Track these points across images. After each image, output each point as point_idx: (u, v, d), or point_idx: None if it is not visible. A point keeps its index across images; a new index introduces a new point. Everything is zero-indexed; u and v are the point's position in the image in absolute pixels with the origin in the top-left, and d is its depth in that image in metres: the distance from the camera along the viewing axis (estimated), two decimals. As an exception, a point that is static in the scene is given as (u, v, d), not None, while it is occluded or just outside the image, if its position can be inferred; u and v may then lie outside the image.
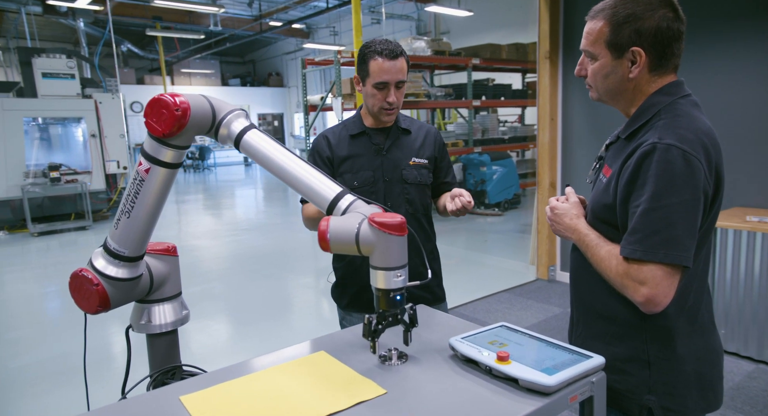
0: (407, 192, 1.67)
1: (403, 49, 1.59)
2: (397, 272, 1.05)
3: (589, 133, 4.08)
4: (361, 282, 1.68)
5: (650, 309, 1.03)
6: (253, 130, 1.14)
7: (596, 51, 1.11)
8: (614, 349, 1.14)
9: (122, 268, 1.21)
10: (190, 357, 3.19)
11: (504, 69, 9.14)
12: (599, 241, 1.11)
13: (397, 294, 1.06)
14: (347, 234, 1.03)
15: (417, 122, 1.77)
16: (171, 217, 8.85)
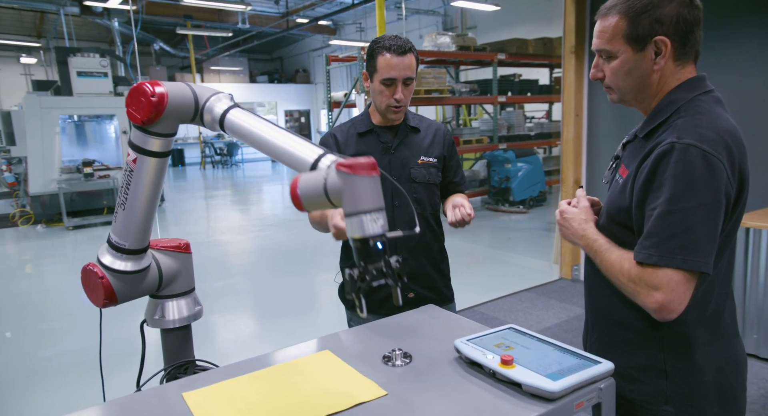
0: (415, 191, 1.65)
1: (413, 46, 1.56)
2: (373, 216, 0.94)
3: (616, 130, 3.97)
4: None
5: (663, 316, 0.99)
6: (236, 109, 1.11)
7: (614, 48, 1.06)
8: (630, 357, 1.11)
9: (125, 261, 1.23)
10: (212, 351, 3.28)
11: (531, 64, 8.97)
12: (609, 246, 1.07)
13: (377, 242, 0.95)
14: (316, 186, 0.97)
15: (426, 120, 1.75)
16: (199, 213, 9.04)
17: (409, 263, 1.65)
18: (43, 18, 14.41)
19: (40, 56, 16.53)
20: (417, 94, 6.62)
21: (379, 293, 1.65)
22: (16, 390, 2.93)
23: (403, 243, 1.64)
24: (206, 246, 6.41)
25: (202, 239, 6.83)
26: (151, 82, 1.07)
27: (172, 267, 1.34)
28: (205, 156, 17.30)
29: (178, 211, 9.05)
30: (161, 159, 1.15)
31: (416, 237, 1.64)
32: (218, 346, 3.45)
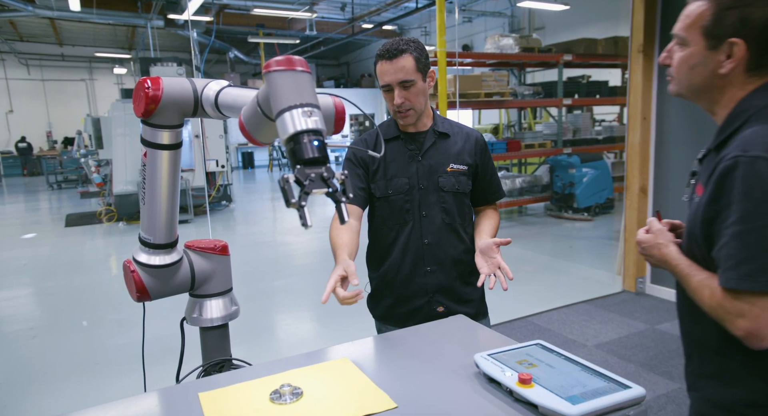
0: (444, 200, 1.57)
1: (412, 47, 1.46)
2: (306, 109, 0.83)
3: (688, 134, 3.69)
4: (393, 294, 1.64)
5: (754, 344, 0.90)
6: (228, 88, 1.11)
7: (689, 36, 0.98)
8: (734, 391, 1.00)
9: (153, 255, 1.29)
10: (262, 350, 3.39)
11: (600, 65, 8.55)
12: (690, 270, 0.99)
13: (314, 140, 0.82)
14: (251, 106, 0.91)
15: (458, 125, 1.67)
16: (265, 214, 9.40)
17: (437, 276, 1.60)
18: (134, 31, 15.64)
19: (130, 66, 17.96)
20: (477, 97, 6.51)
21: (406, 305, 1.63)
22: (84, 376, 3.18)
23: (432, 257, 1.59)
24: (269, 246, 6.65)
25: (267, 239, 7.10)
26: (152, 78, 1.12)
27: (205, 268, 1.39)
28: (273, 158, 17.99)
29: (245, 211, 9.46)
30: (173, 151, 1.19)
31: (444, 249, 1.59)
32: (270, 344, 3.56)
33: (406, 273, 1.61)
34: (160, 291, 1.35)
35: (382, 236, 1.64)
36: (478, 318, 1.66)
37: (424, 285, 1.60)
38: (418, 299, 1.62)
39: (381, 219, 1.64)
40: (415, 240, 1.59)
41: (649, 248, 1.10)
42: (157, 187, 1.23)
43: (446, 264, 1.60)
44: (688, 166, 3.97)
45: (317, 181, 0.81)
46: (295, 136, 0.82)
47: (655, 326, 3.51)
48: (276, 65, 0.87)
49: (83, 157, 9.86)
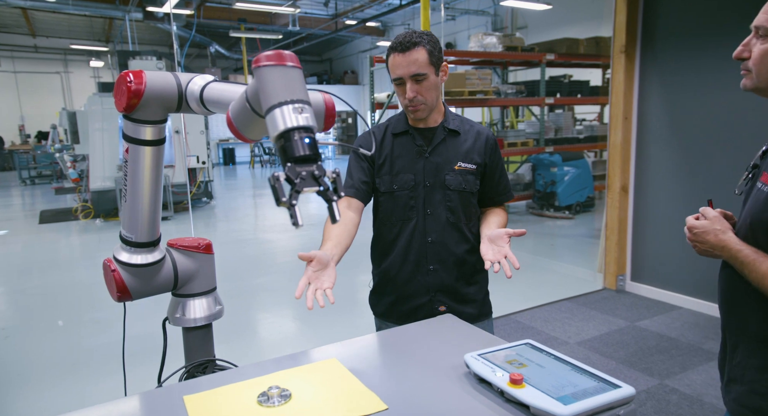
0: (449, 199, 1.54)
1: (425, 39, 1.43)
2: (297, 106, 0.81)
3: (669, 134, 3.75)
4: (395, 292, 1.63)
5: None
6: (213, 83, 1.09)
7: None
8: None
9: (134, 254, 1.25)
10: (245, 349, 3.35)
11: (582, 65, 8.66)
12: (757, 256, 1.00)
13: (305, 137, 0.80)
14: (239, 102, 0.90)
15: (469, 123, 1.62)
16: (246, 211, 9.30)
17: (440, 275, 1.58)
18: (112, 24, 15.29)
19: (107, 60, 17.56)
20: (460, 95, 6.52)
21: (407, 303, 1.61)
22: (61, 377, 3.10)
23: (435, 255, 1.57)
24: (250, 243, 6.58)
25: (248, 236, 7.01)
26: (134, 71, 1.09)
27: (189, 267, 1.36)
28: (254, 155, 17.80)
29: (227, 208, 9.34)
30: (155, 147, 1.16)
31: (448, 249, 1.56)
32: (253, 343, 3.52)
33: (408, 271, 1.59)
34: (141, 291, 1.31)
35: (385, 232, 1.62)
36: (480, 319, 1.64)
37: (426, 284, 1.58)
38: (420, 297, 1.60)
39: (385, 215, 1.61)
40: (418, 237, 1.56)
41: (703, 234, 1.10)
42: (139, 184, 1.19)
43: (449, 263, 1.58)
44: (668, 165, 4.02)
45: (308, 179, 0.79)
46: (286, 133, 0.80)
47: (635, 323, 3.56)
48: (266, 60, 0.85)
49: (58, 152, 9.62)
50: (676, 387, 2.73)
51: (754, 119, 3.26)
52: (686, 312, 3.70)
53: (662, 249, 3.91)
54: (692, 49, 3.53)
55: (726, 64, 3.37)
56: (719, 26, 3.38)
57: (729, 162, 3.42)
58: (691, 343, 3.22)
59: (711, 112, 3.48)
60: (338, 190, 0.83)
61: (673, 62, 3.66)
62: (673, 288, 3.88)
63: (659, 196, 3.86)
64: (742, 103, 3.31)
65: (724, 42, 3.35)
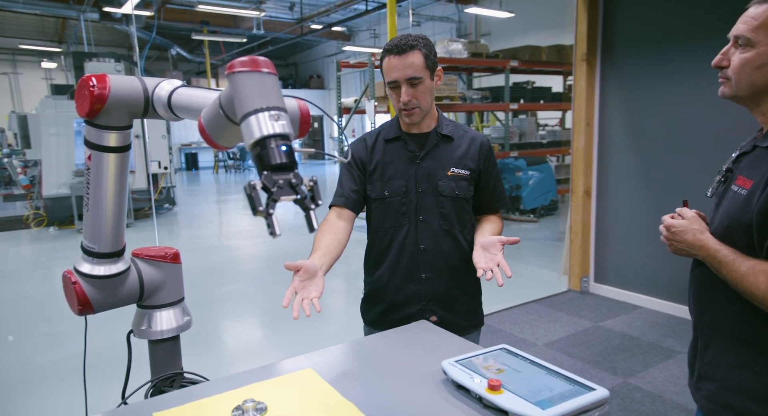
0: (442, 205, 1.51)
1: (421, 43, 1.42)
2: (273, 113, 0.79)
3: (628, 139, 3.88)
4: (386, 300, 1.60)
5: None
6: (182, 88, 1.07)
7: (757, 38, 1.01)
8: (767, 380, 1.03)
9: (97, 265, 1.20)
10: (213, 360, 3.26)
11: (544, 71, 8.89)
12: (735, 256, 1.02)
13: (282, 145, 0.78)
14: (212, 108, 0.88)
15: (463, 128, 1.59)
16: (210, 217, 9.09)
17: (432, 284, 1.55)
18: (65, 24, 14.71)
19: (61, 61, 16.87)
20: (427, 100, 6.57)
21: (399, 312, 1.58)
22: (12, 394, 2.93)
23: (427, 263, 1.54)
24: (215, 251, 6.43)
25: (212, 244, 6.85)
26: (97, 75, 1.05)
27: (155, 277, 1.31)
28: (218, 160, 17.45)
29: (190, 215, 9.10)
30: (120, 154, 1.12)
31: (441, 256, 1.54)
32: (220, 354, 3.42)
33: (399, 279, 1.56)
34: (104, 304, 1.25)
35: (378, 239, 1.59)
36: (470, 331, 1.62)
37: (418, 293, 1.55)
38: (411, 307, 1.56)
39: (377, 222, 1.58)
40: (410, 245, 1.53)
41: (681, 233, 1.12)
42: (103, 193, 1.14)
43: (442, 271, 1.55)
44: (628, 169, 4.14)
45: (285, 187, 0.77)
46: (262, 141, 0.78)
47: (598, 323, 3.66)
48: (240, 66, 0.83)
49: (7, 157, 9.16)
50: (639, 384, 2.81)
51: (708, 124, 3.41)
52: (646, 312, 3.83)
53: (623, 251, 4.04)
54: (648, 57, 3.68)
55: (681, 72, 3.52)
56: (674, 36, 3.53)
57: (685, 165, 3.56)
58: (652, 341, 3.33)
59: (667, 117, 3.62)
60: (315, 198, 0.81)
61: (632, 70, 3.80)
62: (633, 288, 4.01)
63: (620, 199, 3.99)
64: (696, 110, 3.46)
65: (679, 51, 3.50)
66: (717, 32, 3.24)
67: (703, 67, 3.36)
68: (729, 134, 3.26)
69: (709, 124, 3.40)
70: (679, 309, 3.71)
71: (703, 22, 3.36)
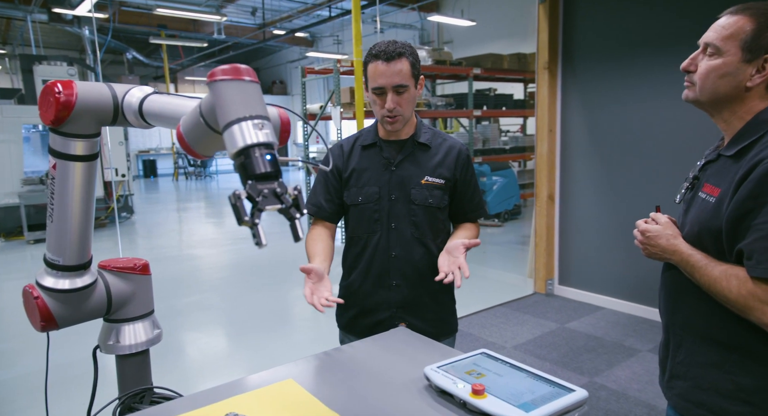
0: (414, 213, 1.51)
1: (408, 51, 1.42)
2: (256, 122, 0.78)
3: (589, 145, 4.02)
4: (357, 306, 1.60)
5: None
6: (154, 95, 1.05)
7: (725, 47, 1.04)
8: (737, 379, 1.07)
9: (61, 279, 1.14)
10: (179, 373, 3.15)
11: (506, 79, 9.11)
12: (708, 261, 1.05)
13: (266, 153, 0.78)
14: (192, 117, 0.87)
15: (441, 136, 1.59)
16: (170, 226, 8.83)
17: (402, 291, 1.55)
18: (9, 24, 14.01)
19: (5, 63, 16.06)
20: (393, 107, 6.61)
21: (369, 317, 1.59)
22: (-36, 416, 2.75)
23: (398, 271, 1.55)
24: (176, 260, 6.24)
25: (173, 253, 6.65)
26: (63, 81, 1.02)
27: (123, 290, 1.26)
28: (178, 167, 17.00)
29: (149, 224, 8.82)
30: (88, 163, 1.08)
31: (412, 264, 1.54)
32: (186, 367, 3.32)
33: (370, 285, 1.57)
34: (69, 319, 1.19)
35: (352, 245, 1.60)
36: (440, 339, 1.60)
37: (388, 300, 1.56)
38: (381, 313, 1.58)
39: (352, 228, 1.59)
40: (381, 252, 1.54)
41: (655, 237, 1.15)
42: (68, 203, 1.09)
43: (413, 279, 1.55)
44: (590, 174, 4.26)
45: (270, 196, 0.76)
46: (246, 150, 0.77)
47: (564, 325, 3.75)
48: (222, 74, 0.82)
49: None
50: (604, 383, 2.90)
51: (665, 130, 3.57)
52: (608, 312, 3.95)
53: (586, 253, 4.17)
54: (607, 66, 3.83)
55: (638, 79, 3.68)
56: (630, 45, 3.68)
57: (643, 170, 3.72)
58: (615, 341, 3.44)
59: (625, 124, 3.77)
60: (300, 207, 0.80)
61: (591, 78, 3.94)
62: (595, 290, 4.14)
63: (582, 204, 4.12)
64: (653, 116, 3.62)
65: (635, 59, 3.66)
66: (673, 41, 3.42)
67: (660, 76, 3.52)
68: (686, 140, 3.43)
69: (665, 130, 3.56)
70: (639, 309, 3.86)
71: (659, 31, 3.52)
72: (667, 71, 3.46)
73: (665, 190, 3.56)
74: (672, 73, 3.39)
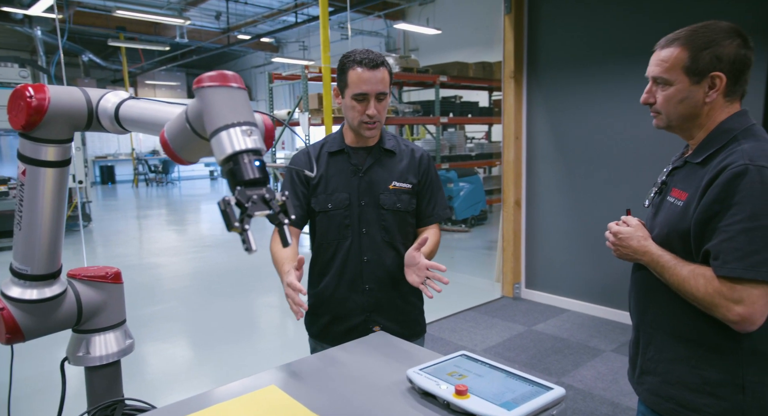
0: (383, 218, 1.55)
1: (386, 60, 1.48)
2: (245, 128, 0.79)
3: (554, 152, 4.14)
4: (330, 312, 1.60)
5: (744, 328, 1.03)
6: (130, 100, 1.04)
7: (672, 77, 1.13)
8: (703, 373, 1.13)
9: (29, 289, 1.10)
10: (144, 386, 3.05)
11: (471, 87, 9.29)
12: (677, 261, 1.11)
13: (255, 160, 0.78)
14: (178, 123, 0.87)
15: (405, 142, 1.65)
16: (130, 234, 8.55)
17: (375, 295, 1.58)
18: (-45, 23, 13.32)
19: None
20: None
21: (343, 323, 1.60)
22: None
23: (370, 275, 1.57)
24: (137, 269, 6.04)
25: (133, 262, 6.44)
26: (35, 85, 0.99)
27: (94, 299, 1.22)
28: (138, 173, 16.49)
29: (107, 233, 8.51)
30: (59, 169, 1.05)
31: (384, 268, 1.57)
32: (153, 379, 3.21)
33: (343, 290, 1.57)
34: (37, 330, 1.15)
35: (321, 252, 1.60)
36: (412, 339, 1.63)
37: (362, 304, 1.58)
38: (355, 318, 1.59)
39: (321, 235, 1.59)
40: (354, 257, 1.56)
41: (627, 239, 1.21)
42: (38, 210, 1.06)
43: (385, 282, 1.58)
44: (555, 180, 4.37)
45: (259, 202, 0.77)
46: (235, 156, 0.78)
47: (531, 327, 3.84)
48: (209, 81, 0.82)
49: None
50: (571, 383, 2.98)
51: (625, 138, 3.72)
52: (573, 314, 4.07)
53: (551, 258, 4.28)
54: (570, 75, 3.96)
55: (599, 89, 3.82)
56: (591, 56, 3.83)
57: (605, 176, 3.86)
58: (580, 342, 3.54)
59: (588, 131, 3.91)
60: (288, 212, 0.81)
61: (555, 87, 4.07)
62: (561, 293, 4.25)
63: (547, 209, 4.24)
64: (615, 124, 3.77)
65: (597, 70, 3.81)
66: (632, 51, 3.57)
67: (621, 84, 3.67)
68: (646, 146, 3.58)
69: (627, 136, 3.70)
70: (602, 311, 3.98)
71: (618, 42, 3.68)
72: (627, 80, 3.61)
73: (627, 194, 3.74)
74: (631, 81, 3.55)
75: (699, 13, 3.20)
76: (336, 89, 1.54)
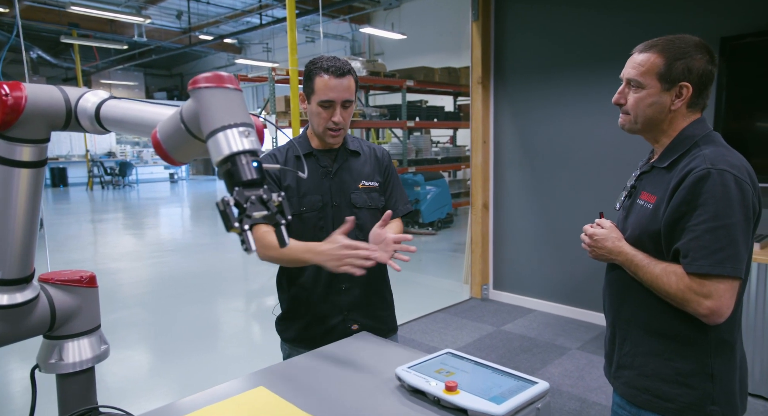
0: (357, 217, 1.57)
1: (352, 68, 1.52)
2: (242, 129, 0.80)
3: (521, 156, 4.25)
4: (308, 314, 1.59)
5: (714, 320, 1.10)
6: (111, 100, 1.02)
7: (645, 81, 1.19)
8: (676, 364, 1.19)
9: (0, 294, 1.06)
10: (107, 394, 2.93)
11: (437, 92, 9.42)
12: (649, 260, 1.18)
13: (252, 161, 0.79)
14: (172, 123, 0.87)
15: (366, 143, 1.70)
16: (86, 238, 8.21)
17: (352, 293, 1.59)
18: None
19: None
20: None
21: (321, 325, 1.59)
22: None
23: (347, 274, 1.55)
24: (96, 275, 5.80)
25: (89, 267, 6.17)
26: (10, 83, 0.96)
27: (68, 304, 1.17)
28: (93, 176, 15.85)
29: (60, 237, 8.13)
30: (35, 170, 1.02)
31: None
32: (114, 387, 3.09)
33: (320, 292, 1.57)
34: (7, 337, 1.09)
35: None
36: (389, 334, 1.67)
37: (339, 304, 1.58)
38: (333, 318, 1.59)
39: (295, 238, 1.55)
40: None
41: (602, 240, 1.27)
42: (11, 213, 1.02)
43: (361, 280, 1.56)
44: (522, 184, 4.49)
45: (257, 203, 0.79)
46: (232, 157, 0.79)
47: (500, 327, 3.92)
48: (205, 82, 0.82)
49: None
50: (540, 381, 3.05)
51: (588, 143, 3.86)
52: (539, 314, 4.18)
53: (518, 259, 4.39)
54: (536, 81, 4.08)
55: (563, 95, 3.95)
56: (556, 62, 3.96)
57: (569, 180, 3.99)
58: (547, 341, 3.64)
59: (554, 136, 4.04)
60: (284, 213, 0.82)
61: (521, 92, 4.19)
62: (528, 293, 4.36)
63: (514, 212, 4.34)
64: (580, 129, 3.90)
65: (562, 76, 3.94)
66: (596, 57, 3.71)
67: (585, 90, 3.80)
68: (611, 150, 3.72)
69: (591, 141, 3.84)
70: (567, 311, 4.11)
71: (583, 50, 3.81)
72: (591, 85, 3.75)
73: (591, 196, 3.88)
74: (596, 87, 3.69)
75: (658, 22, 3.35)
76: (302, 94, 1.56)
